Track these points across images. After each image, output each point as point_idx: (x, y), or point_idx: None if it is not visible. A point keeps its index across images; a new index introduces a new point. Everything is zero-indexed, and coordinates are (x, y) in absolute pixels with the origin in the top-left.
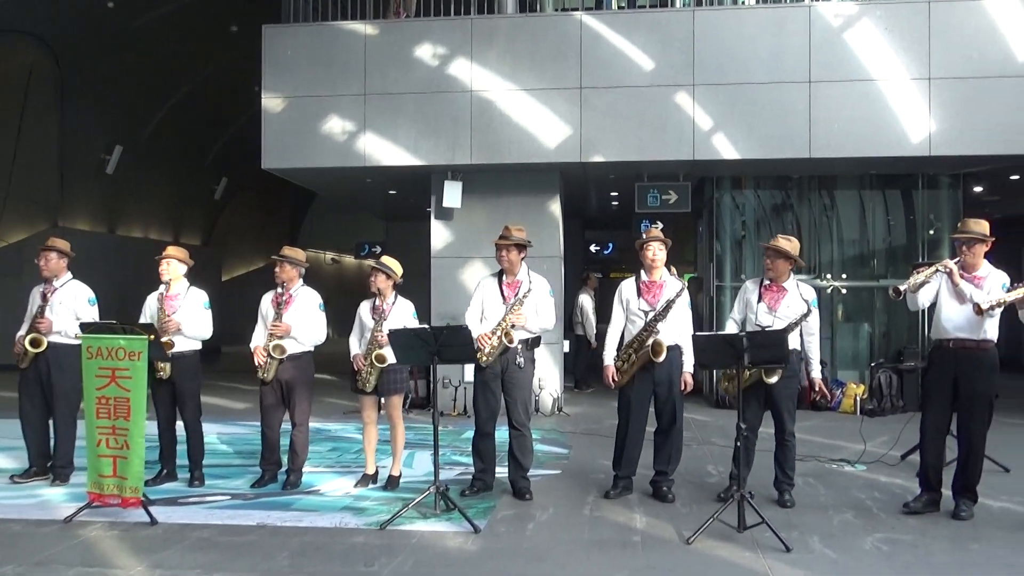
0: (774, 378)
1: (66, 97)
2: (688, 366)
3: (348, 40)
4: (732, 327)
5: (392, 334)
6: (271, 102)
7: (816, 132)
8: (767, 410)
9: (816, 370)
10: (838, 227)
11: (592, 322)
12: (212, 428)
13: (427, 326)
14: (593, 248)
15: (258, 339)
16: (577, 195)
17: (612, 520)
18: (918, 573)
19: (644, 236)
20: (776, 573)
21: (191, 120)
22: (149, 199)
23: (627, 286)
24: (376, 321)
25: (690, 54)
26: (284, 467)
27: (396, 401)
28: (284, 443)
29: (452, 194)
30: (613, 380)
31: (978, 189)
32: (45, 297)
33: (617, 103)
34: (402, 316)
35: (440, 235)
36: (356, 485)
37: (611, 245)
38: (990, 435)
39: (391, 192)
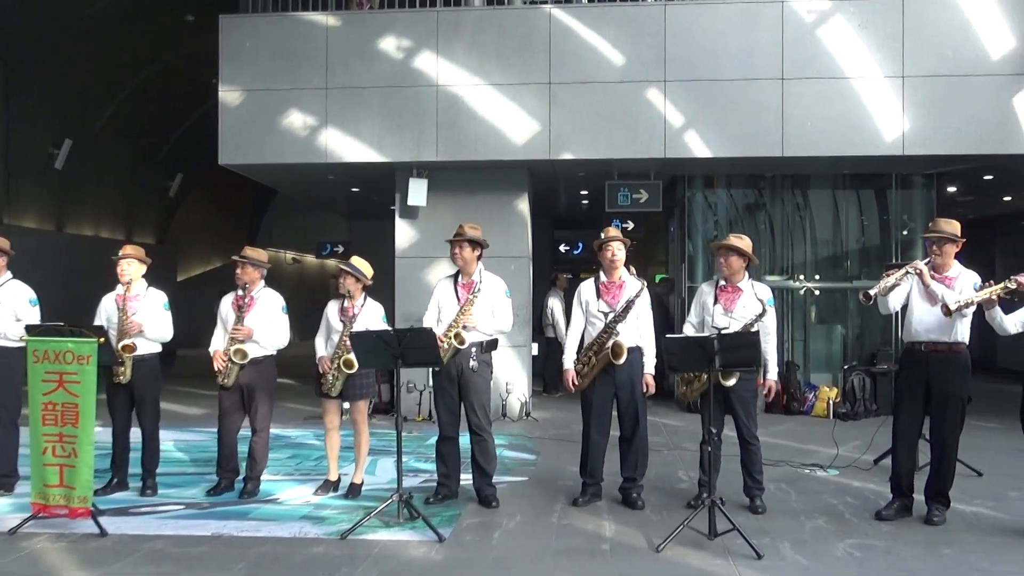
0: (732, 380)
1: (11, 89)
2: (649, 367)
3: (309, 32)
4: (689, 331)
5: (354, 337)
6: (229, 95)
7: (789, 130)
8: (728, 414)
9: (773, 372)
10: (811, 227)
11: (562, 324)
12: (167, 435)
13: (390, 328)
14: (563, 248)
15: (217, 343)
16: (546, 193)
17: (580, 528)
18: None
19: (603, 236)
20: None
21: (145, 114)
22: (100, 196)
23: (586, 287)
24: (345, 324)
25: (661, 49)
26: (241, 475)
27: (362, 406)
28: (242, 450)
29: (417, 192)
30: (573, 384)
31: (952, 189)
32: None
33: (587, 99)
34: (371, 319)
35: (405, 234)
36: (316, 492)
37: (581, 245)
38: (962, 438)
39: (354, 190)
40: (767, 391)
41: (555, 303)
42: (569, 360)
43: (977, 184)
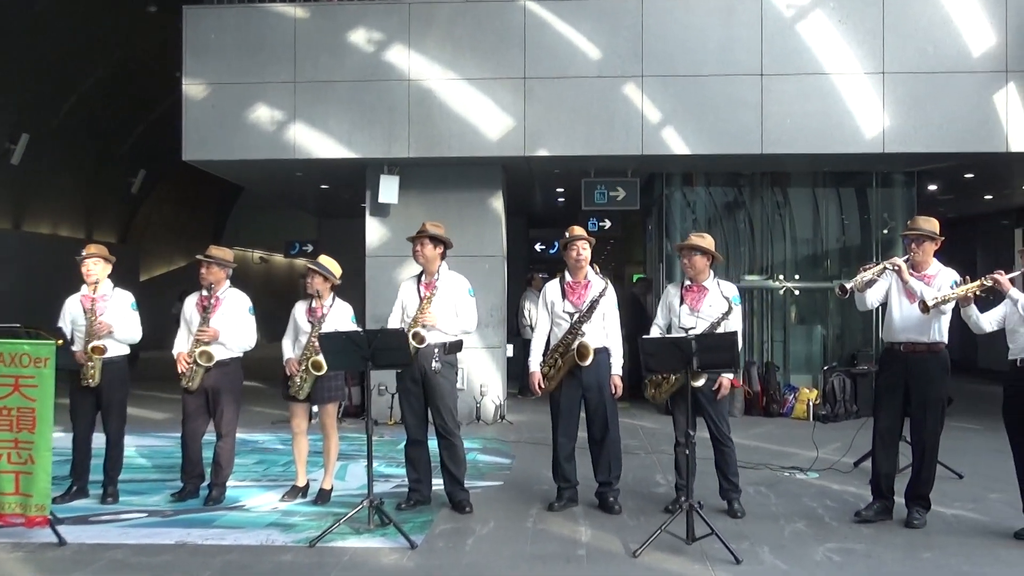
0: (701, 381)
1: None
2: (616, 368)
3: (277, 23)
4: (656, 334)
5: (323, 338)
6: (193, 89)
7: (768, 127)
8: (699, 415)
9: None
10: (791, 226)
11: None
12: (129, 440)
13: (360, 329)
14: (538, 247)
15: (181, 345)
16: (521, 191)
17: (556, 533)
18: None
19: (567, 235)
20: None
21: (105, 108)
22: (59, 192)
23: (552, 288)
24: (313, 325)
25: (638, 44)
26: (206, 481)
27: (331, 410)
28: (207, 455)
29: (388, 189)
30: (539, 387)
31: (932, 187)
32: None
33: (563, 94)
34: (340, 320)
35: (375, 232)
36: (283, 498)
37: (557, 244)
38: (943, 440)
39: (323, 187)
40: (717, 386)
41: (531, 304)
42: (535, 362)
43: (958, 182)
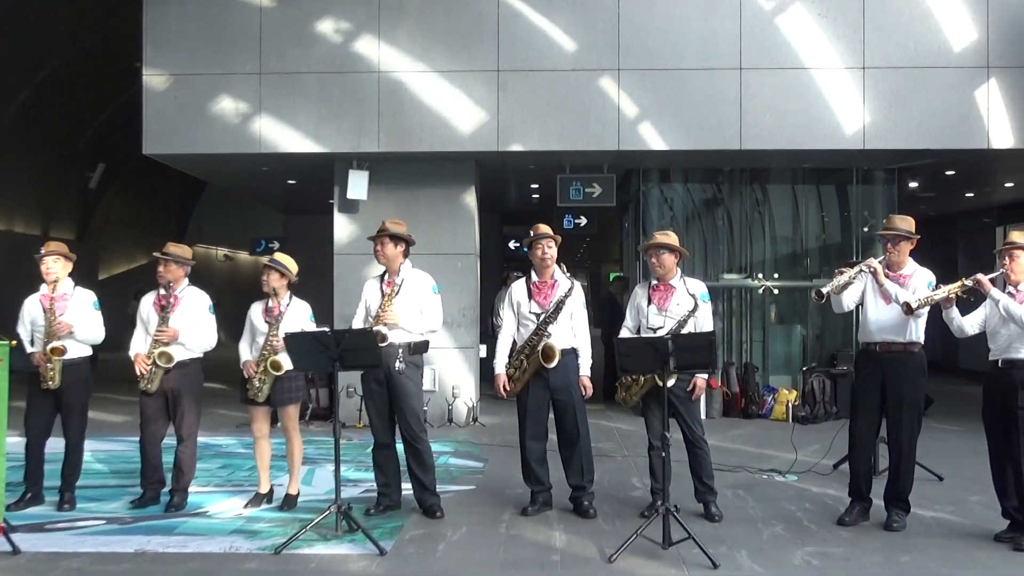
0: (671, 380)
1: None
2: (585, 369)
3: (241, 13)
4: (625, 335)
5: (289, 338)
6: (154, 80)
7: (747, 122)
8: (671, 417)
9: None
10: (770, 223)
11: None
12: (86, 444)
13: (327, 329)
14: (512, 245)
15: (138, 345)
16: (495, 187)
17: (529, 538)
18: None
19: (532, 233)
20: None
21: (62, 99)
22: (13, 187)
23: (517, 288)
24: (270, 324)
25: (615, 36)
26: (167, 487)
27: (292, 412)
28: (167, 460)
29: (357, 185)
30: (505, 389)
31: (913, 185)
32: None
33: (537, 88)
34: (298, 318)
35: (344, 229)
36: (247, 505)
37: None
38: (924, 442)
39: (290, 182)
40: (691, 386)
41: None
42: (500, 364)
43: (939, 180)
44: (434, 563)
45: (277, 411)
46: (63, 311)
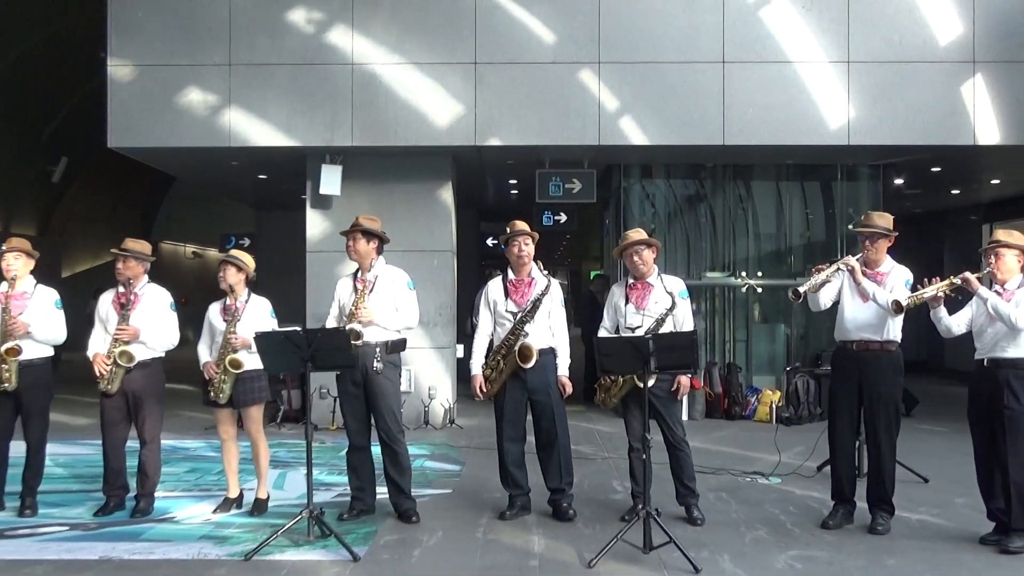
0: (650, 380)
1: None
2: (563, 369)
3: (210, 1)
4: (605, 335)
5: (259, 338)
6: (119, 71)
7: (730, 117)
8: (651, 418)
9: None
10: (754, 220)
11: None
12: (48, 448)
13: (299, 328)
14: (490, 242)
15: (97, 345)
16: (472, 183)
17: (507, 543)
18: None
19: (508, 230)
20: None
21: (23, 91)
22: None
23: (494, 286)
24: (228, 322)
25: (595, 29)
26: (132, 492)
27: (255, 413)
28: (132, 464)
29: (330, 180)
30: (481, 390)
31: (899, 181)
32: None
33: (516, 81)
34: (257, 315)
35: (317, 226)
36: (216, 511)
37: None
38: (909, 443)
39: (261, 177)
40: (675, 386)
41: None
42: (476, 365)
43: (925, 176)
44: (409, 569)
45: (240, 413)
46: (22, 310)
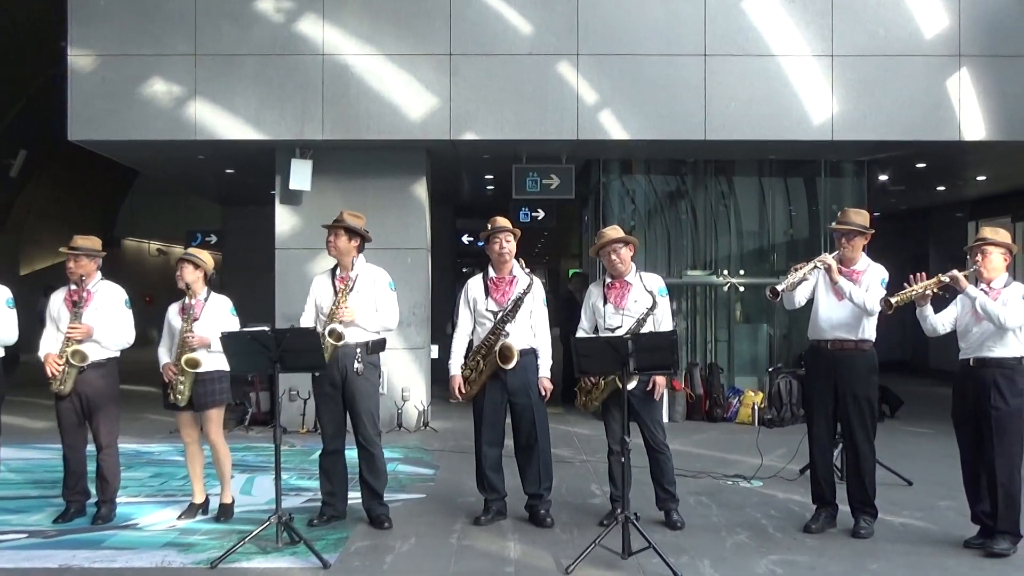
0: (632, 384)
1: None
2: (544, 370)
3: None
4: (583, 336)
5: (225, 338)
6: (80, 60)
7: (712, 111)
8: (632, 421)
9: None
10: (736, 217)
11: None
12: (5, 453)
13: (267, 328)
14: (466, 239)
15: (49, 345)
16: (447, 178)
17: (482, 549)
18: None
19: (490, 226)
20: None
21: None
22: None
23: (474, 284)
24: (185, 320)
25: (574, 19)
26: (94, 498)
27: (214, 416)
28: (93, 469)
29: (300, 174)
30: (460, 392)
31: (883, 178)
32: None
33: (492, 73)
34: (217, 314)
35: (286, 222)
36: (181, 517)
37: None
38: (893, 445)
39: (228, 171)
40: (650, 386)
41: None
42: (455, 365)
43: (910, 172)
44: None
45: (200, 415)
46: None
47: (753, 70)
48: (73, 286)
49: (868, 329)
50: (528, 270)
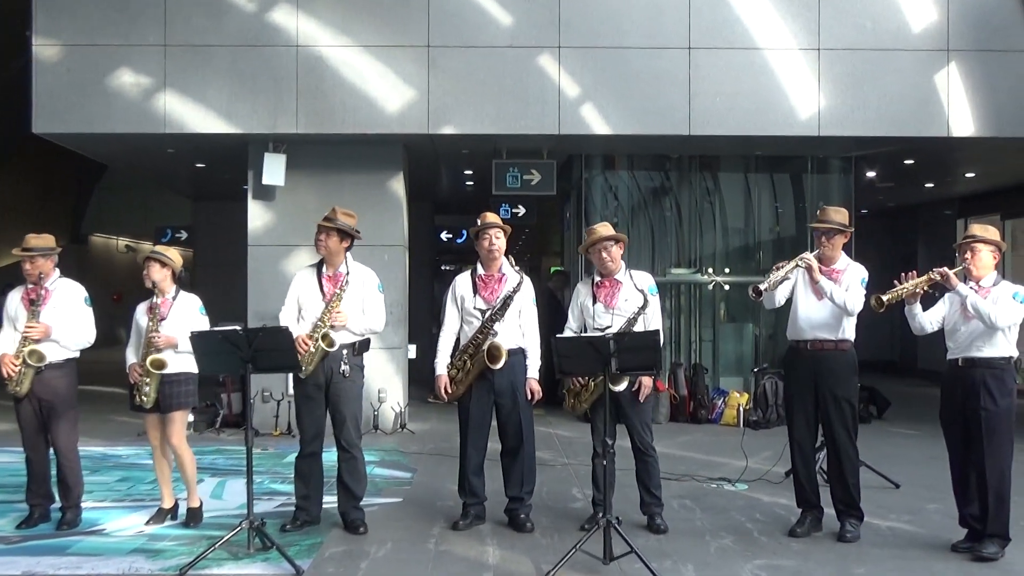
0: (622, 385)
1: None
2: (533, 372)
3: None
4: (568, 335)
5: (195, 337)
6: (45, 51)
7: (696, 106)
8: (620, 423)
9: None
10: (721, 214)
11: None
12: None
13: (238, 327)
14: (444, 236)
15: (5, 345)
16: (425, 173)
17: (461, 555)
18: None
19: (479, 222)
20: None
21: None
22: None
23: (462, 281)
24: (152, 320)
25: (555, 10)
26: (59, 503)
27: (178, 419)
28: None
29: (274, 169)
30: (446, 392)
31: (871, 174)
32: None
33: (471, 66)
34: (185, 313)
35: (259, 218)
36: (149, 522)
37: (465, 233)
38: (880, 448)
39: (199, 165)
40: (636, 386)
41: None
42: (441, 365)
43: (898, 169)
44: None
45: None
46: None
47: (739, 64)
48: (31, 284)
49: (848, 329)
50: (518, 268)
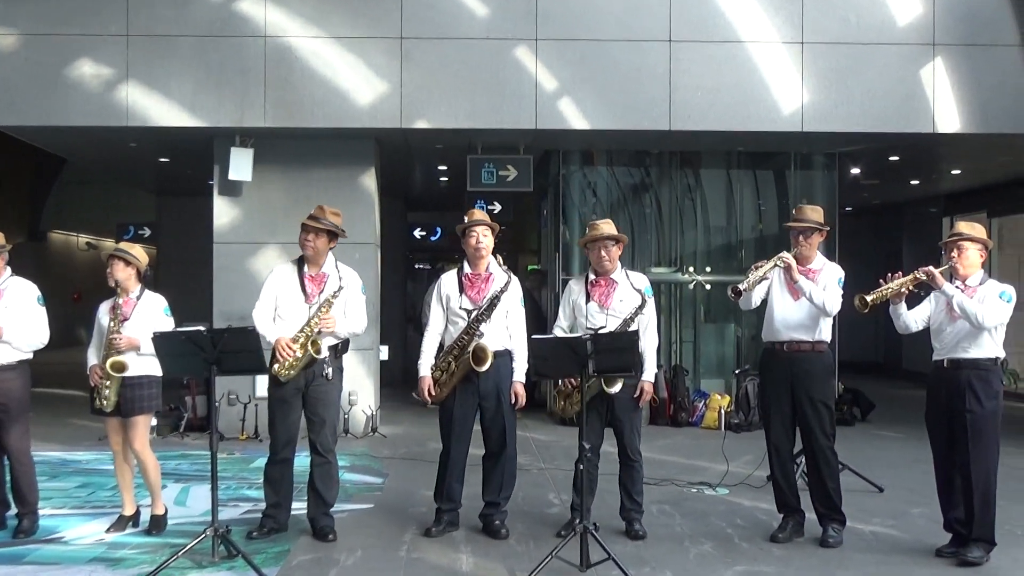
0: (616, 387)
1: None
2: (519, 375)
3: None
4: (554, 335)
5: (158, 338)
6: (2, 40)
7: (677, 100)
8: (609, 426)
9: (649, 372)
10: (703, 211)
11: None
12: None
13: (202, 327)
14: (418, 234)
15: None
16: (398, 169)
17: (433, 562)
18: None
19: (466, 219)
20: None
21: None
22: None
23: (448, 280)
24: (114, 320)
25: (532, 1)
26: (13, 510)
27: (141, 423)
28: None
29: (241, 164)
30: (430, 394)
31: (855, 171)
32: None
33: (446, 58)
34: (149, 313)
35: (225, 215)
36: (109, 529)
37: (439, 230)
38: (863, 451)
39: (163, 160)
40: (637, 392)
41: None
42: (425, 366)
43: (883, 166)
44: None
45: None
46: None
47: (720, 57)
48: None
49: (824, 330)
50: (506, 268)
